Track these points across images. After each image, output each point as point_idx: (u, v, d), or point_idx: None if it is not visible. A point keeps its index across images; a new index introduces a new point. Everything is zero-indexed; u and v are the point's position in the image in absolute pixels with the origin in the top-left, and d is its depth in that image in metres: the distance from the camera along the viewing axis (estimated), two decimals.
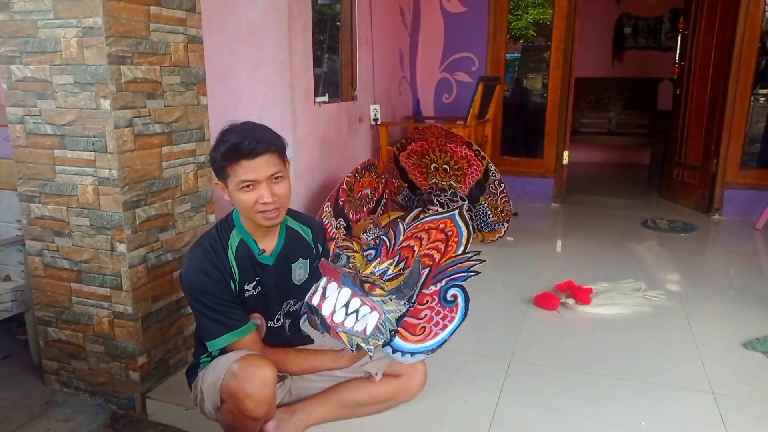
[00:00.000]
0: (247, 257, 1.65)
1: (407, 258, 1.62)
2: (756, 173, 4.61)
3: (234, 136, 1.53)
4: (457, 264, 1.55)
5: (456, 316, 1.52)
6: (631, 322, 2.65)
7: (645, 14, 7.23)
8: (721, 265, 3.73)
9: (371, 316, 1.52)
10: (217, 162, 1.56)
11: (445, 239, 1.59)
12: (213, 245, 1.62)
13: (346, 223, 3.42)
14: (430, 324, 1.57)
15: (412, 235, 1.66)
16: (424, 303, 1.59)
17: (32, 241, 2.06)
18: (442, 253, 1.57)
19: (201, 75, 2.16)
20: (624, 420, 1.89)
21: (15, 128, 1.96)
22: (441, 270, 1.57)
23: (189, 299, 1.63)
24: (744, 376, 2.16)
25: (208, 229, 1.70)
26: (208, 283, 1.57)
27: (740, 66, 4.36)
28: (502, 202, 3.59)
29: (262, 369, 1.49)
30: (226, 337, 1.59)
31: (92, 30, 1.75)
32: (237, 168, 1.53)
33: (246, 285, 1.66)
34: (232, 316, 1.60)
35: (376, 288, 1.53)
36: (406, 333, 1.60)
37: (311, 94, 3.40)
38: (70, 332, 2.09)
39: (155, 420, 2.03)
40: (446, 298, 1.56)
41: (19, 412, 2.06)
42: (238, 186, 1.55)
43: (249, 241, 1.67)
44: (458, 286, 1.55)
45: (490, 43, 5.10)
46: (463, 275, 1.54)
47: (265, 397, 1.49)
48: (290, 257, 1.75)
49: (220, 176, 1.60)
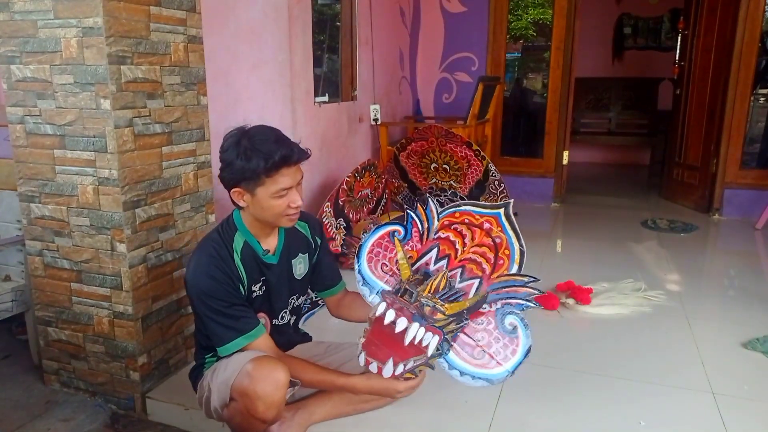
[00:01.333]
0: (252, 258, 1.65)
1: (464, 268, 1.52)
2: (756, 173, 4.61)
3: (271, 145, 1.51)
4: (513, 286, 1.46)
5: (518, 350, 1.44)
6: (631, 322, 2.65)
7: (645, 14, 7.23)
8: (721, 265, 3.73)
9: (433, 339, 1.49)
10: (257, 172, 1.51)
11: (493, 247, 1.49)
12: (218, 249, 1.60)
13: (346, 223, 3.42)
14: (489, 351, 1.49)
15: (449, 224, 1.57)
16: (480, 323, 1.51)
17: (32, 241, 2.06)
18: (492, 266, 1.48)
19: (201, 75, 2.16)
20: (624, 420, 1.89)
21: (15, 128, 1.96)
22: (494, 288, 1.48)
23: (196, 305, 1.59)
24: (744, 376, 2.16)
25: (209, 234, 1.67)
26: (216, 287, 1.55)
27: (740, 66, 4.36)
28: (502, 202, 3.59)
29: (276, 372, 1.48)
30: (237, 341, 1.57)
31: (92, 30, 1.75)
32: (278, 177, 1.53)
33: (253, 286, 1.66)
34: (243, 319, 1.58)
35: (437, 312, 1.49)
36: (462, 351, 1.54)
37: (311, 94, 3.40)
38: (70, 332, 2.09)
39: (155, 420, 2.03)
40: (505, 326, 1.47)
41: (19, 412, 2.06)
42: (274, 194, 1.54)
43: (253, 243, 1.66)
44: (516, 314, 1.47)
45: (490, 43, 5.10)
46: (520, 303, 1.45)
47: (277, 400, 1.48)
48: (291, 253, 1.75)
49: (248, 184, 1.54)
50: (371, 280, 1.68)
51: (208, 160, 2.25)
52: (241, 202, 1.59)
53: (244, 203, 1.59)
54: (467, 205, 1.57)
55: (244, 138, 1.54)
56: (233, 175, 1.54)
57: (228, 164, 1.54)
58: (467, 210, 1.56)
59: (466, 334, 1.53)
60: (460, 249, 1.56)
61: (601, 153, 7.50)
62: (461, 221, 1.57)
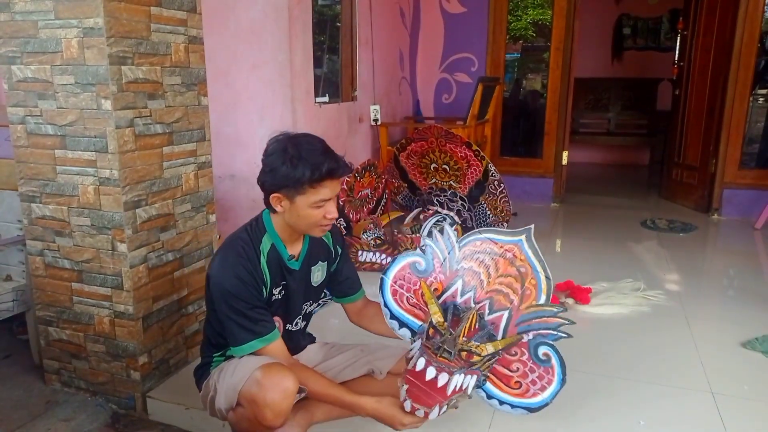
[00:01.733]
0: (276, 262, 1.65)
1: (494, 302, 1.52)
2: (755, 173, 4.62)
3: (319, 156, 1.50)
4: (543, 317, 1.46)
5: (554, 380, 1.45)
6: (630, 322, 2.66)
7: (644, 15, 7.25)
8: (721, 265, 3.73)
9: (471, 380, 1.51)
10: (301, 181, 1.50)
11: (519, 277, 1.48)
12: (246, 249, 1.59)
13: (346, 223, 3.43)
14: (526, 381, 1.50)
15: (471, 254, 1.55)
16: (513, 354, 1.51)
17: (33, 241, 2.06)
18: (520, 297, 1.48)
19: (201, 75, 2.16)
20: (624, 420, 1.89)
21: (16, 128, 1.97)
22: (524, 319, 1.48)
23: (217, 303, 1.58)
24: (743, 376, 2.17)
25: (237, 232, 1.66)
26: (241, 287, 1.54)
27: (739, 66, 4.37)
28: (502, 202, 3.60)
29: (285, 380, 1.47)
30: (253, 344, 1.57)
31: (93, 30, 1.76)
32: (320, 188, 1.52)
33: (274, 289, 1.66)
34: (261, 322, 1.58)
35: (473, 356, 1.50)
36: (499, 381, 1.54)
37: (311, 94, 3.40)
38: (71, 332, 2.09)
39: (156, 419, 2.03)
40: (538, 356, 1.47)
41: (19, 412, 2.06)
42: (314, 203, 1.53)
43: (279, 247, 1.66)
44: (549, 344, 1.47)
45: (489, 44, 5.11)
46: (552, 333, 1.46)
47: (285, 408, 1.48)
48: (312, 261, 1.75)
49: (289, 191, 1.53)
50: (399, 313, 1.67)
51: (209, 161, 2.25)
52: (278, 207, 1.58)
53: (281, 209, 1.58)
54: (488, 233, 1.55)
55: (290, 145, 1.52)
56: (275, 181, 1.53)
57: (271, 169, 1.52)
58: (488, 238, 1.54)
59: (502, 365, 1.54)
60: (485, 280, 1.55)
61: (600, 153, 7.51)
62: (484, 251, 1.55)
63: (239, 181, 3.27)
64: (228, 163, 3.26)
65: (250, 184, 3.26)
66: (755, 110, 5.11)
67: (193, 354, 2.26)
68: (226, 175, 3.27)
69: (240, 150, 3.24)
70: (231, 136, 3.22)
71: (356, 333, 2.06)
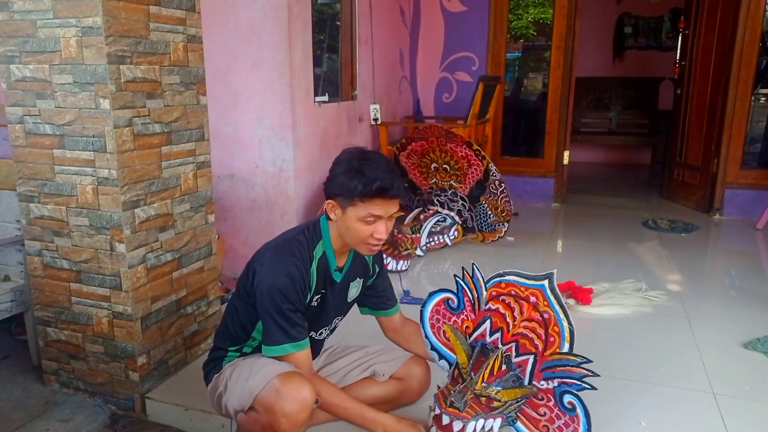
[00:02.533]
0: (323, 270, 1.65)
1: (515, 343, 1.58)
2: (757, 173, 4.60)
3: (378, 173, 1.51)
4: (567, 366, 1.49)
5: (579, 429, 1.49)
6: (632, 323, 2.65)
7: (645, 14, 7.23)
8: (722, 265, 3.72)
9: (495, 423, 1.57)
10: (353, 192, 1.52)
11: (542, 323, 1.51)
12: (301, 252, 1.59)
13: None
14: (553, 426, 1.54)
15: (497, 295, 1.61)
16: (540, 399, 1.56)
17: (31, 241, 2.06)
18: (544, 343, 1.52)
19: (200, 75, 2.16)
20: (624, 420, 1.88)
21: (14, 128, 1.96)
22: (549, 366, 1.53)
23: (262, 299, 1.56)
24: (744, 376, 2.16)
25: (294, 233, 1.66)
26: (290, 288, 1.54)
27: (741, 66, 4.36)
28: (503, 201, 3.59)
29: (303, 391, 1.48)
30: (285, 347, 1.56)
31: (92, 29, 1.75)
32: (371, 204, 1.53)
33: (315, 297, 1.66)
34: (298, 327, 1.58)
35: (493, 401, 1.55)
36: (528, 423, 1.59)
37: (311, 93, 3.39)
38: (69, 332, 2.09)
39: (155, 420, 2.02)
40: (564, 404, 1.51)
41: (18, 413, 2.06)
42: (362, 218, 1.54)
43: (330, 256, 1.66)
44: (574, 394, 1.51)
45: (490, 43, 5.10)
46: (576, 383, 1.49)
47: (302, 420, 1.49)
48: (351, 276, 1.76)
49: (343, 200, 1.55)
50: (438, 346, 1.77)
51: (208, 160, 2.25)
52: (333, 214, 1.60)
53: (335, 216, 1.60)
54: (511, 275, 1.58)
55: (357, 157, 1.55)
56: (332, 188, 1.57)
57: (333, 176, 1.57)
58: (512, 281, 1.58)
59: (530, 407, 1.59)
60: (511, 322, 1.59)
61: (601, 153, 7.50)
62: (507, 292, 1.60)
63: (238, 181, 3.27)
64: (227, 162, 3.25)
65: (249, 183, 3.26)
66: (757, 110, 5.11)
67: (193, 355, 2.25)
68: (225, 174, 3.27)
69: (239, 149, 3.24)
70: (230, 136, 3.22)
71: (355, 334, 2.06)
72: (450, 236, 3.58)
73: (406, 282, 3.04)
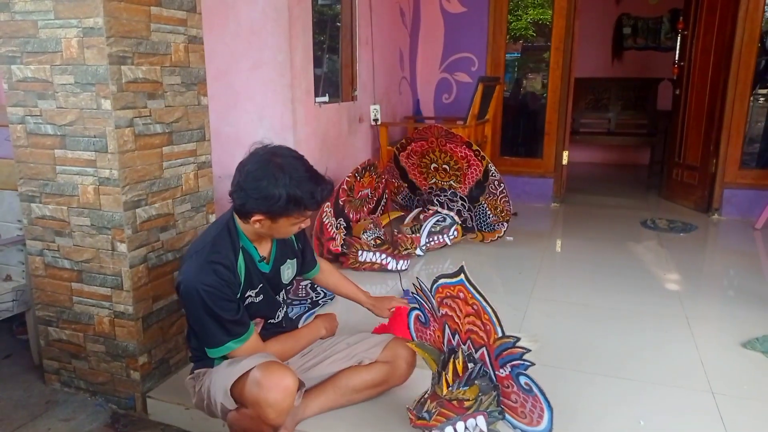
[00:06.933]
0: (250, 264, 1.66)
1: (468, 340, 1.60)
2: (755, 173, 4.61)
3: (309, 185, 1.53)
4: (508, 349, 1.51)
5: (543, 407, 1.50)
6: (631, 322, 2.66)
7: (644, 14, 7.24)
8: (721, 265, 3.73)
9: (479, 420, 1.57)
10: (288, 210, 1.52)
11: (476, 314, 1.53)
12: (219, 250, 1.59)
13: (346, 223, 3.42)
14: (525, 410, 1.56)
15: (441, 300, 1.64)
16: (507, 387, 1.57)
17: (33, 240, 2.06)
18: (485, 333, 1.54)
19: (201, 75, 2.16)
20: (624, 420, 1.89)
21: (16, 128, 1.97)
22: (498, 353, 1.54)
23: (191, 305, 1.56)
24: (743, 376, 2.17)
25: (208, 235, 1.65)
26: (216, 287, 1.54)
27: (740, 66, 4.37)
28: (502, 202, 3.59)
29: (285, 379, 1.49)
30: (229, 345, 1.58)
31: (93, 30, 1.76)
32: (308, 211, 1.58)
33: (249, 291, 1.66)
34: (238, 322, 1.59)
35: (464, 402, 1.56)
36: (512, 413, 1.60)
37: (311, 94, 3.40)
38: (70, 332, 2.09)
39: (156, 419, 2.03)
40: (522, 386, 1.53)
41: (19, 412, 2.06)
42: (294, 222, 1.60)
43: (251, 249, 1.68)
44: (525, 374, 1.51)
45: (489, 44, 5.11)
46: (522, 363, 1.50)
47: (287, 407, 1.51)
48: (280, 261, 1.78)
49: (272, 215, 1.55)
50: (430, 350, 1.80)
51: (209, 160, 2.25)
52: (257, 225, 1.58)
53: (259, 226, 1.59)
54: (440, 278, 1.62)
55: (276, 168, 1.52)
56: (260, 206, 1.53)
57: (258, 197, 1.51)
58: (443, 283, 1.61)
59: (504, 397, 1.60)
60: (459, 322, 1.61)
61: (600, 153, 7.51)
62: (446, 295, 1.62)
63: None
64: (228, 163, 3.23)
65: None
66: (755, 110, 5.11)
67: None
68: (225, 175, 3.24)
69: (240, 150, 3.19)
70: (231, 136, 3.22)
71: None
72: (450, 236, 3.59)
73: (406, 282, 3.04)
